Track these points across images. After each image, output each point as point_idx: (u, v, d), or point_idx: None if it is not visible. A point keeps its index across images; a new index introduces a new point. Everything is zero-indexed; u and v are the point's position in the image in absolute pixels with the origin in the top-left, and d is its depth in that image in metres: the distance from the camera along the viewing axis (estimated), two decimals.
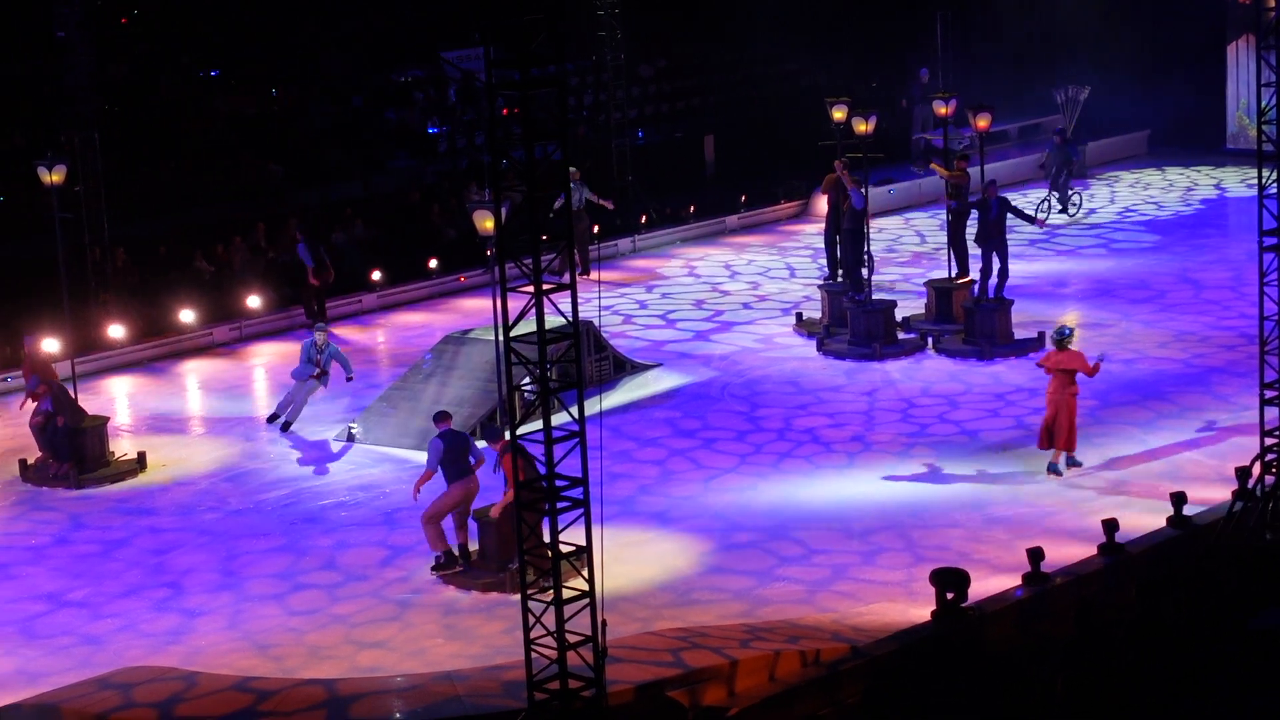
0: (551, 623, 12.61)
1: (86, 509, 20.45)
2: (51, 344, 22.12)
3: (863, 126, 24.97)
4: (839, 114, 26.24)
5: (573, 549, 12.74)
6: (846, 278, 25.95)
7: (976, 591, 15.72)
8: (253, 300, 27.96)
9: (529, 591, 12.73)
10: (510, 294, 12.84)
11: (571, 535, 12.75)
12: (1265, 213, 17.64)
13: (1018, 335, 24.74)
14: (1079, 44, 38.90)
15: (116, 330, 26.42)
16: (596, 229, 31.22)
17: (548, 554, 12.81)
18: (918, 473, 20.08)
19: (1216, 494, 18.24)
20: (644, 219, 33.18)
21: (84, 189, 27.75)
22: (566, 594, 12.64)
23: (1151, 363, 23.45)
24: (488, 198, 20.41)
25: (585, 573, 12.72)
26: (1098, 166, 37.76)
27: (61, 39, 28.16)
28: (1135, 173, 37.69)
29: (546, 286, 12.40)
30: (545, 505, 12.69)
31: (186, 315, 27.20)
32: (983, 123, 25.76)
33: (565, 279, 12.59)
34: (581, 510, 12.69)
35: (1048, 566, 16.44)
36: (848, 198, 25.44)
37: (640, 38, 36.06)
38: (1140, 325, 25.55)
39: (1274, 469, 17.57)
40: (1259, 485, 17.48)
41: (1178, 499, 17.66)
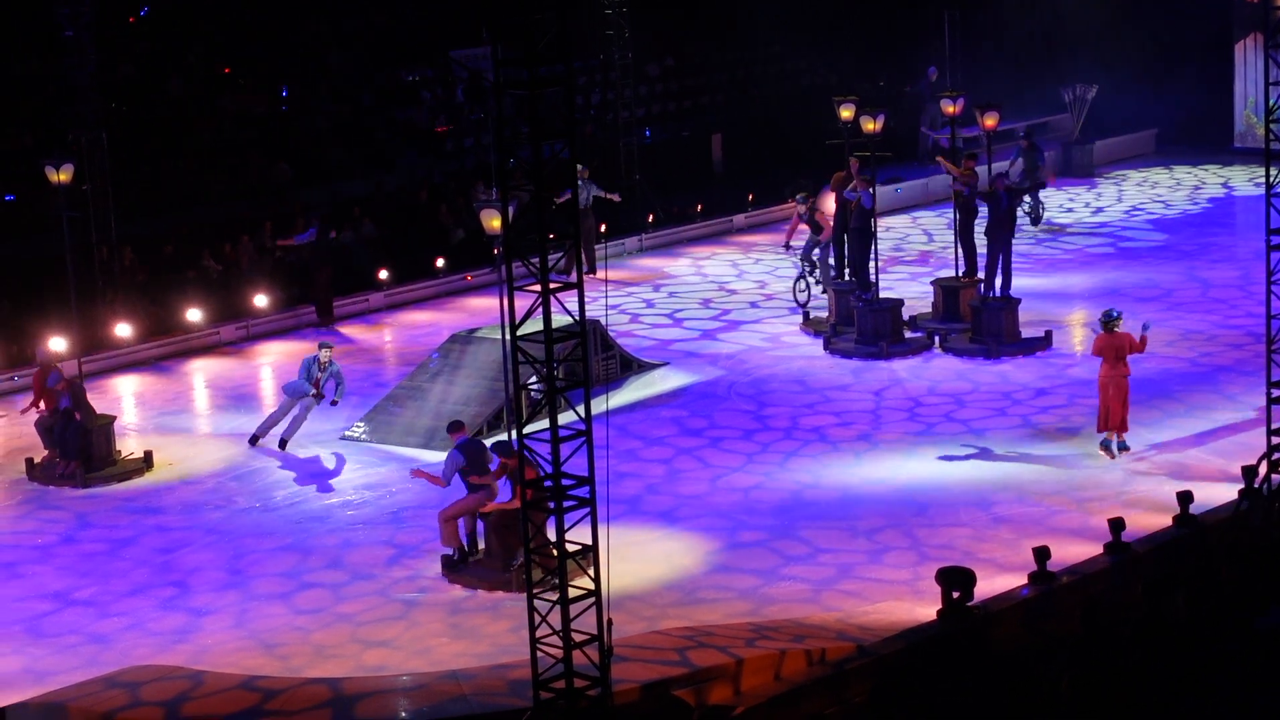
0: (557, 622, 12.62)
1: (93, 508, 20.46)
2: (59, 343, 22.11)
3: (871, 125, 24.96)
4: (846, 113, 26.21)
5: (579, 548, 12.75)
6: (854, 276, 25.95)
7: (982, 590, 15.71)
8: (260, 299, 27.94)
9: (535, 590, 12.74)
10: (517, 293, 12.84)
11: (577, 534, 12.76)
12: (1273, 211, 17.63)
13: (1025, 334, 24.72)
14: (1086, 43, 38.84)
15: (123, 329, 26.41)
16: (604, 228, 31.22)
17: (553, 553, 12.81)
18: (924, 472, 20.07)
19: (1223, 493, 18.20)
20: (651, 218, 33.16)
21: (91, 188, 27.76)
22: (572, 593, 12.64)
23: (1158, 361, 23.37)
24: (495, 197, 20.37)
25: (591, 572, 12.73)
26: (1106, 165, 37.74)
27: (68, 38, 28.17)
28: (1143, 171, 37.65)
29: (553, 285, 12.41)
30: (551, 504, 12.71)
31: (193, 314, 27.20)
32: (990, 121, 25.74)
33: (572, 278, 12.59)
34: (588, 509, 12.71)
35: (1053, 565, 16.41)
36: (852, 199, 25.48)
37: (648, 37, 36.03)
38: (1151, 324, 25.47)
39: None
40: (1265, 484, 17.47)
41: (1184, 498, 17.63)
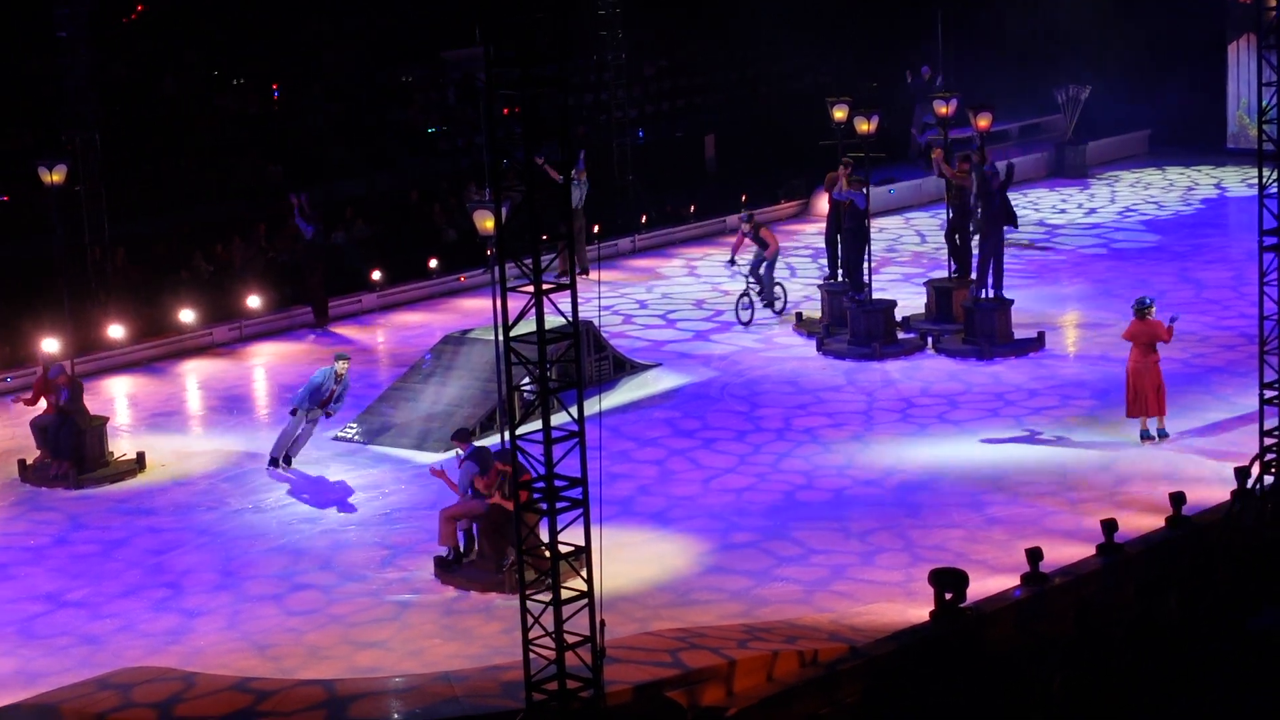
0: (550, 623, 12.61)
1: (86, 509, 20.44)
2: (51, 344, 22.08)
3: (864, 126, 24.97)
4: (840, 114, 26.23)
5: (571, 549, 12.74)
6: (847, 277, 25.95)
7: (975, 591, 15.72)
8: (253, 300, 27.93)
9: (527, 592, 12.73)
10: (510, 294, 12.84)
11: (570, 535, 12.75)
12: (1266, 212, 17.64)
13: (1017, 335, 24.73)
14: (1079, 43, 38.84)
15: (116, 330, 26.40)
16: (597, 228, 31.21)
17: (546, 554, 12.81)
18: (916, 473, 20.08)
19: (1215, 494, 18.24)
20: (644, 218, 33.15)
21: (84, 189, 27.72)
22: (565, 594, 12.63)
23: None
24: (488, 197, 20.37)
25: (584, 573, 12.72)
26: (1098, 166, 37.76)
27: (63, 39, 28.14)
28: (1136, 172, 37.68)
29: (546, 286, 12.40)
30: (544, 505, 12.70)
31: (186, 315, 27.17)
32: (983, 122, 25.76)
33: (565, 279, 12.59)
34: (580, 510, 12.70)
35: (1046, 566, 16.43)
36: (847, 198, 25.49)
37: (641, 37, 36.02)
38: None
39: (1273, 469, 17.58)
40: (1258, 485, 17.48)
41: (1176, 499, 17.66)
